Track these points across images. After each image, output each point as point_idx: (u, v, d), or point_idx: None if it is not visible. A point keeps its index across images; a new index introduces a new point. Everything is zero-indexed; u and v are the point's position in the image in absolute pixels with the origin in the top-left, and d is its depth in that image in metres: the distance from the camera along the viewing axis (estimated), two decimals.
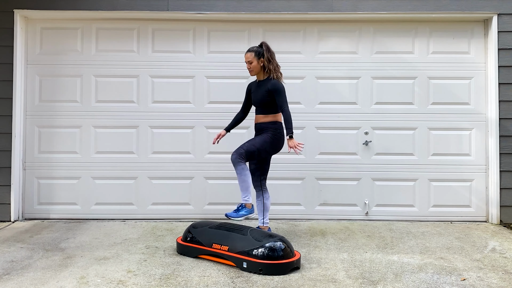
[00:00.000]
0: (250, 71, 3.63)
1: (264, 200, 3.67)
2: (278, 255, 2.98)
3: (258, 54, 3.57)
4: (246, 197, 3.52)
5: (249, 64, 3.58)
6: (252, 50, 3.59)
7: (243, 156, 3.49)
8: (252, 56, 3.56)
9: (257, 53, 3.57)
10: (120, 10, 4.48)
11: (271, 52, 3.61)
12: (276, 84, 3.51)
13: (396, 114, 4.62)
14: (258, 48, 3.60)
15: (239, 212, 3.52)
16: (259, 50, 3.58)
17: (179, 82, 4.64)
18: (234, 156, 3.48)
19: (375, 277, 2.95)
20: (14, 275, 2.96)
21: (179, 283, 2.83)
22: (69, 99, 4.61)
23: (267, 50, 3.58)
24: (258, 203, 3.69)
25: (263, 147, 3.53)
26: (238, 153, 3.49)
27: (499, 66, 4.46)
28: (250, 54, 3.57)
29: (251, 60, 3.56)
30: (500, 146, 4.46)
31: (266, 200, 3.67)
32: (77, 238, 3.87)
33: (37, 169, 4.59)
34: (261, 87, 3.59)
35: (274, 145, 3.57)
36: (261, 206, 3.67)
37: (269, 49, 3.60)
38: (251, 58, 3.56)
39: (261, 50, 3.58)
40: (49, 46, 4.63)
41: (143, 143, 4.62)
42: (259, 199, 3.69)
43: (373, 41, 4.65)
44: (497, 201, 4.45)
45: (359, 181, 4.62)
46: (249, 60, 3.57)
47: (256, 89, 3.66)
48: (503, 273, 3.06)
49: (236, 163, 3.48)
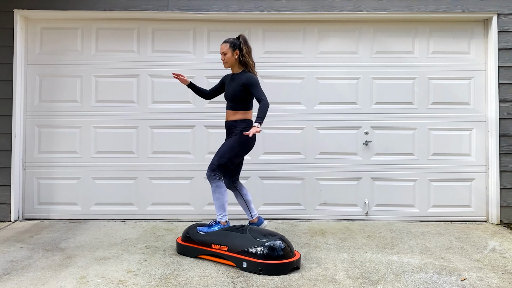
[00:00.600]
0: (224, 62, 3.50)
1: (244, 197, 3.58)
2: (278, 255, 2.98)
3: (234, 45, 3.45)
4: (220, 215, 3.42)
5: (224, 55, 3.46)
6: (227, 41, 3.48)
7: (217, 171, 3.38)
8: (227, 47, 3.45)
9: (232, 44, 3.45)
10: (120, 10, 4.48)
11: (248, 46, 3.49)
12: (251, 77, 3.39)
13: (396, 114, 4.62)
14: (234, 40, 3.48)
15: (211, 227, 3.40)
16: (235, 42, 3.46)
17: (179, 82, 4.63)
18: (208, 173, 3.39)
19: (375, 277, 2.95)
20: (14, 275, 2.96)
21: (179, 283, 2.83)
22: (69, 99, 4.61)
23: (244, 43, 3.46)
24: (240, 201, 3.61)
25: (233, 154, 3.40)
26: (211, 169, 3.39)
27: (499, 66, 4.46)
28: (225, 45, 3.46)
29: (226, 51, 3.45)
30: (500, 146, 4.46)
31: (245, 197, 3.58)
32: (77, 238, 3.87)
33: (37, 169, 4.59)
34: (235, 80, 3.46)
35: (244, 146, 3.44)
36: (243, 203, 3.59)
37: (246, 42, 3.49)
38: (226, 49, 3.45)
39: (237, 42, 3.46)
40: (49, 46, 4.63)
41: (143, 143, 4.62)
42: (238, 198, 3.60)
43: (373, 41, 4.65)
44: (497, 201, 4.45)
45: (359, 181, 4.62)
46: (224, 51, 3.46)
47: (230, 82, 3.52)
48: (503, 273, 3.06)
49: (210, 180, 3.39)
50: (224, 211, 3.43)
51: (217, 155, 3.41)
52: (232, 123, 3.47)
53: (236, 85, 3.43)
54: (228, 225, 3.44)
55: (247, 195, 3.60)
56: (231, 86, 3.48)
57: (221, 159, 3.38)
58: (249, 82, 3.37)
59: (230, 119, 3.49)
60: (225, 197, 3.43)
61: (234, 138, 3.43)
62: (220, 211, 3.42)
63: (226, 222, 3.43)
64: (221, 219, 3.42)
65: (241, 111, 3.45)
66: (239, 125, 3.43)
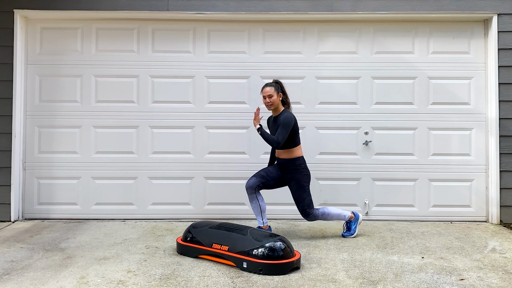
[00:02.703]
0: (269, 105, 3.70)
1: (259, 202, 3.80)
2: (278, 255, 2.98)
3: (277, 89, 3.71)
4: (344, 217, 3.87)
5: (269, 98, 3.68)
6: (271, 85, 3.72)
7: (310, 211, 3.73)
8: (273, 90, 3.67)
9: (277, 87, 3.71)
10: (120, 10, 4.48)
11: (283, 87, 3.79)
12: (286, 117, 3.64)
13: (396, 114, 4.62)
14: (276, 84, 3.74)
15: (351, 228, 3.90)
16: (277, 86, 3.73)
17: (179, 82, 4.64)
18: (308, 218, 3.75)
19: (375, 277, 2.95)
20: (14, 275, 2.96)
21: (179, 283, 2.83)
22: (69, 99, 4.61)
23: (282, 86, 3.77)
24: (254, 206, 3.80)
25: (307, 190, 3.75)
26: (306, 214, 3.73)
27: (499, 66, 4.46)
28: (270, 88, 3.69)
29: (272, 93, 3.67)
30: (500, 146, 4.46)
31: (261, 202, 3.81)
32: (77, 238, 3.87)
33: (37, 169, 4.59)
34: (277, 122, 3.71)
35: (308, 180, 3.78)
36: (258, 208, 3.80)
37: (282, 85, 3.79)
38: (272, 92, 3.67)
39: (278, 86, 3.73)
40: (49, 46, 4.63)
41: (143, 143, 4.62)
42: (254, 202, 3.80)
43: (373, 41, 4.65)
44: (497, 201, 4.45)
45: (359, 181, 4.62)
46: (270, 93, 3.67)
47: (273, 125, 3.78)
48: (503, 273, 3.06)
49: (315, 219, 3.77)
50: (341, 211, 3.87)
51: (299, 203, 3.73)
52: (285, 162, 3.74)
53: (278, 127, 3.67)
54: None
55: (263, 201, 3.83)
56: (274, 128, 3.72)
57: (305, 200, 3.72)
58: (282, 122, 3.63)
59: (283, 157, 3.75)
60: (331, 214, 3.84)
61: (296, 179, 3.72)
62: (340, 216, 3.84)
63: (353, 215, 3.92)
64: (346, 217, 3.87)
65: (290, 149, 3.72)
66: (294, 166, 3.73)
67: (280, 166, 3.79)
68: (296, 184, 3.72)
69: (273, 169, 3.86)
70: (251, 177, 3.83)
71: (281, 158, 3.76)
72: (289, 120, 3.62)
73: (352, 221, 3.90)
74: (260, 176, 3.81)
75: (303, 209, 3.72)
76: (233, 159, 4.60)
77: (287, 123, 3.61)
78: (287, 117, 3.64)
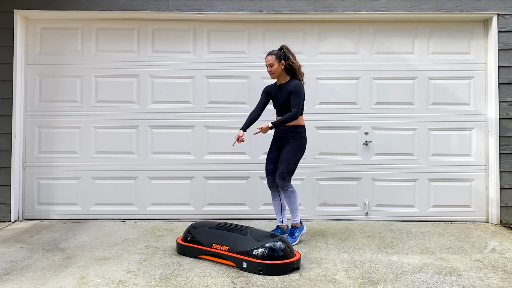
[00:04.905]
0: (271, 73, 3.69)
1: (281, 200, 3.77)
2: (278, 255, 2.98)
3: (279, 57, 3.65)
4: (296, 217, 3.68)
5: (270, 67, 3.66)
6: (272, 53, 3.67)
7: (287, 178, 3.61)
8: (273, 59, 3.64)
9: (278, 55, 3.65)
10: (120, 10, 4.48)
11: (292, 54, 3.69)
12: (297, 85, 3.61)
13: (396, 114, 4.62)
14: (278, 52, 3.68)
15: (294, 235, 3.68)
16: (280, 53, 3.66)
17: (179, 82, 4.64)
18: (280, 183, 3.59)
19: (375, 277, 2.95)
20: (14, 275, 2.96)
21: (179, 283, 2.83)
22: (69, 99, 4.61)
23: (288, 52, 3.67)
24: (276, 203, 3.78)
25: (297, 158, 3.66)
26: (282, 178, 3.59)
27: (499, 66, 4.46)
28: (271, 57, 3.65)
29: (272, 63, 3.64)
30: (500, 146, 4.46)
31: (283, 200, 3.77)
32: (77, 238, 3.87)
33: (37, 169, 4.59)
34: (283, 89, 3.68)
35: (303, 150, 3.71)
36: (279, 206, 3.78)
37: (290, 51, 3.69)
38: (272, 61, 3.64)
39: (281, 53, 3.66)
40: (49, 46, 4.63)
41: (143, 143, 4.62)
42: (276, 199, 3.78)
43: (373, 41, 4.65)
44: (497, 201, 4.45)
45: (359, 181, 4.62)
46: (270, 63, 3.65)
47: (278, 92, 3.73)
48: (503, 273, 3.06)
49: (285, 187, 3.61)
50: (298, 213, 3.70)
51: (283, 163, 3.61)
52: (288, 128, 3.67)
53: (287, 94, 3.64)
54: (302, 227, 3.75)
55: (284, 198, 3.76)
56: (281, 95, 3.69)
57: (289, 165, 3.60)
58: (293, 90, 3.60)
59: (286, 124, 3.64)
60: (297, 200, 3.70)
61: (293, 144, 3.65)
62: (296, 213, 3.67)
63: (300, 223, 3.72)
64: (296, 221, 3.68)
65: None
66: (294, 133, 3.67)
67: (281, 134, 3.72)
68: (291, 148, 3.65)
69: (273, 154, 3.78)
70: (267, 176, 3.78)
71: (284, 126, 3.68)
72: (300, 88, 3.61)
73: (298, 229, 3.70)
74: (271, 171, 3.75)
75: (282, 172, 3.59)
76: (233, 159, 4.60)
77: (299, 90, 3.59)
78: (297, 85, 3.61)
